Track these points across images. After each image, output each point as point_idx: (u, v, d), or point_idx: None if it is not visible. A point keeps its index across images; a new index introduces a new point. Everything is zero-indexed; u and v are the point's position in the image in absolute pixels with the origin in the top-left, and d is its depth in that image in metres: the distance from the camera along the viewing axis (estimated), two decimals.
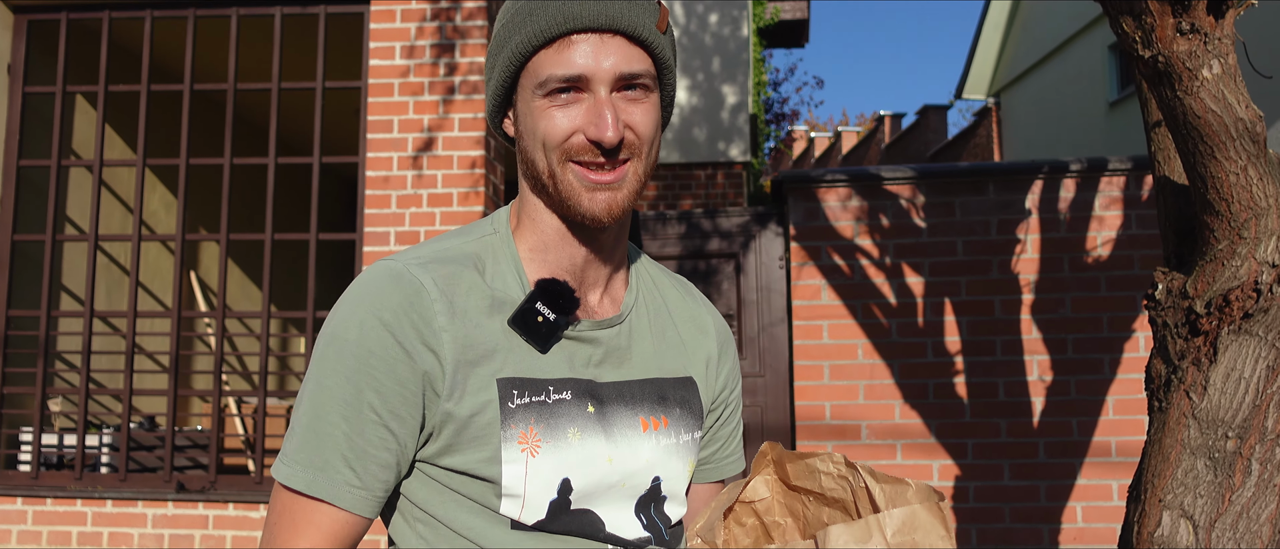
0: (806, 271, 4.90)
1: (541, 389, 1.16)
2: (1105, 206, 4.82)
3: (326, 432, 1.11)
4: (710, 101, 9.90)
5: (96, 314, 5.39)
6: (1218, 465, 2.68)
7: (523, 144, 1.19)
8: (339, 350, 1.12)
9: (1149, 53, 2.53)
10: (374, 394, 1.11)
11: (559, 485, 1.15)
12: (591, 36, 1.12)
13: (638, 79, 1.14)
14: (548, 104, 1.14)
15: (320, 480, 1.11)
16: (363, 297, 1.14)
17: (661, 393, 1.26)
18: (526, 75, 1.16)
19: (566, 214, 1.17)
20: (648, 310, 1.32)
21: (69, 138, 5.93)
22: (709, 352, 1.36)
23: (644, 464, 1.21)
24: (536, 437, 1.14)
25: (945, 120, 20.46)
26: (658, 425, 1.24)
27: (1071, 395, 4.73)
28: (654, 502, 1.23)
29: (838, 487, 1.10)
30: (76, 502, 5.10)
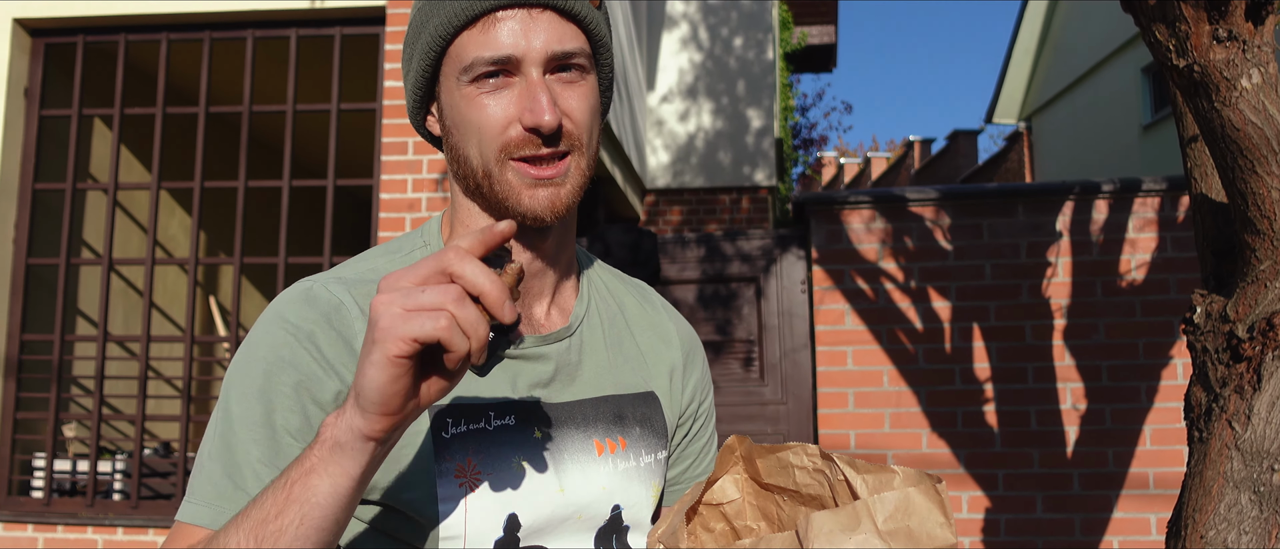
0: (830, 296, 4.76)
1: (481, 415, 1.03)
2: (1139, 228, 4.65)
3: (237, 461, 0.98)
4: (735, 126, 9.79)
5: (111, 338, 5.33)
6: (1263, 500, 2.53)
7: (452, 141, 1.06)
8: (247, 371, 1.00)
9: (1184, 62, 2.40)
10: (288, 412, 0.98)
11: (505, 522, 1.02)
12: (518, 12, 1.00)
13: (572, 59, 1.02)
14: (475, 91, 1.01)
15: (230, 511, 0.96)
16: (275, 315, 1.02)
17: (618, 411, 1.14)
18: (448, 62, 1.03)
19: (505, 215, 1.04)
20: (601, 320, 1.19)
21: (85, 161, 5.90)
22: (673, 362, 1.24)
23: (600, 492, 1.09)
24: (475, 469, 1.02)
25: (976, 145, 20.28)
26: (614, 448, 1.11)
27: (1107, 425, 4.55)
28: (615, 533, 1.11)
29: (814, 482, 0.97)
30: (87, 529, 5.02)
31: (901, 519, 0.84)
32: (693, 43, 9.94)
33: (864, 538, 0.82)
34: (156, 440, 5.85)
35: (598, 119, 1.07)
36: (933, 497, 0.86)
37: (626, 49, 8.02)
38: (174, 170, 5.98)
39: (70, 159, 5.31)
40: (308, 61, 5.77)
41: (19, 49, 5.35)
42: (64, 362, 5.34)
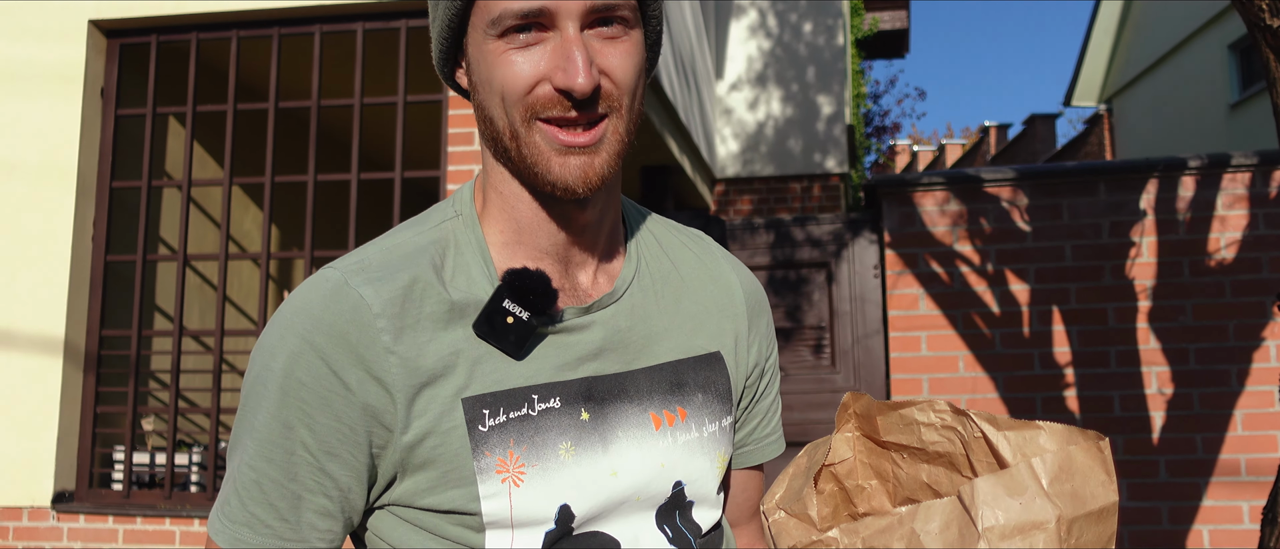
0: (903, 280, 4.64)
1: (522, 401, 0.95)
2: (1229, 205, 4.46)
3: (254, 479, 0.93)
4: (805, 112, 9.66)
5: (187, 333, 5.41)
6: None
7: (479, 98, 0.97)
8: (264, 384, 0.93)
9: (1278, 21, 2.27)
10: (306, 431, 0.92)
11: (556, 515, 0.95)
12: None
13: (615, 11, 0.92)
14: (504, 46, 0.92)
15: (246, 535, 0.93)
16: (294, 319, 0.94)
17: (677, 379, 1.05)
18: (477, 13, 0.94)
19: (534, 184, 0.96)
20: (653, 280, 1.09)
21: (161, 158, 6.00)
22: (738, 317, 1.14)
23: (658, 470, 1.01)
24: (519, 461, 0.94)
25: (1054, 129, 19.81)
26: (673, 420, 1.02)
27: (1195, 409, 4.37)
28: (678, 510, 1.03)
29: (942, 439, 0.89)
30: (165, 521, 5.11)
31: (1066, 480, 0.79)
32: (761, 30, 9.83)
33: (1033, 500, 0.77)
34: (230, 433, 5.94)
35: (642, 79, 0.96)
36: (1094, 454, 0.81)
37: (694, 37, 7.94)
38: (245, 166, 6.06)
39: (145, 157, 5.40)
40: (374, 55, 5.79)
41: (95, 50, 5.45)
42: (141, 356, 5.44)
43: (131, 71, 5.68)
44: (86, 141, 5.39)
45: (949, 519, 0.78)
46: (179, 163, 6.13)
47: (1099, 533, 0.80)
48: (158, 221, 5.92)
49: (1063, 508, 0.77)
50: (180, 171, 6.09)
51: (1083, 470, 0.79)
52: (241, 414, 0.96)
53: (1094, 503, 0.80)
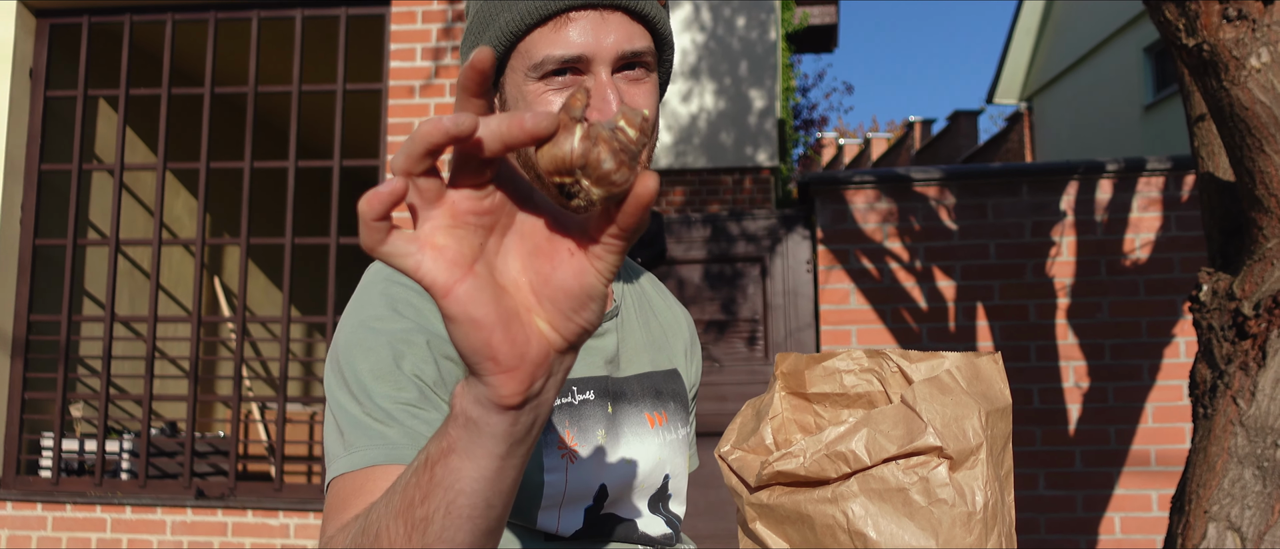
0: (834, 275, 4.78)
1: (568, 390, 1.05)
2: (1143, 208, 4.67)
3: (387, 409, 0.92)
4: (737, 106, 9.79)
5: (118, 318, 5.35)
6: (1266, 475, 2.56)
7: None
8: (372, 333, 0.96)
9: (1193, 41, 2.42)
10: (421, 365, 0.95)
11: (596, 493, 1.06)
12: (590, 13, 1.01)
13: (639, 58, 1.04)
14: (543, 88, 1.02)
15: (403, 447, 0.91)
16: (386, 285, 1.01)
17: (657, 387, 1.18)
18: (517, 56, 1.04)
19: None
20: (634, 301, 1.23)
21: (91, 142, 5.91)
22: (685, 342, 1.29)
23: (656, 463, 1.13)
24: (573, 441, 1.04)
25: (976, 126, 20.24)
26: (660, 421, 1.15)
27: (1109, 402, 4.58)
28: (663, 500, 1.15)
29: (861, 382, 1.00)
30: (96, 508, 5.06)
31: (977, 383, 0.95)
32: (695, 23, 9.93)
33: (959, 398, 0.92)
34: (162, 420, 5.88)
35: (658, 115, 1.09)
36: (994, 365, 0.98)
37: None
38: (179, 151, 5.99)
39: (76, 140, 5.32)
40: (313, 42, 5.76)
41: (23, 30, 5.35)
42: (71, 342, 5.37)
43: (62, 53, 5.59)
44: (14, 123, 5.29)
45: (898, 417, 0.92)
46: (110, 146, 6.04)
47: (1003, 428, 0.96)
48: (87, 206, 5.84)
49: (980, 403, 0.93)
50: (111, 155, 6.00)
51: (987, 377, 0.96)
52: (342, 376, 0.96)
53: (1000, 402, 0.96)
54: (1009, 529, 0.94)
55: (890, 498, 0.91)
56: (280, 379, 5.07)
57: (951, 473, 0.90)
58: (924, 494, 0.90)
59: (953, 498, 0.89)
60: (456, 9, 5.04)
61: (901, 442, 0.90)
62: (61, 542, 5.07)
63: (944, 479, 0.90)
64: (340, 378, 0.96)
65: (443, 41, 5.02)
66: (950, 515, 0.89)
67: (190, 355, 5.21)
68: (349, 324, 0.99)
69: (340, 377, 0.96)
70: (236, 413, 5.14)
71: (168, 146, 5.33)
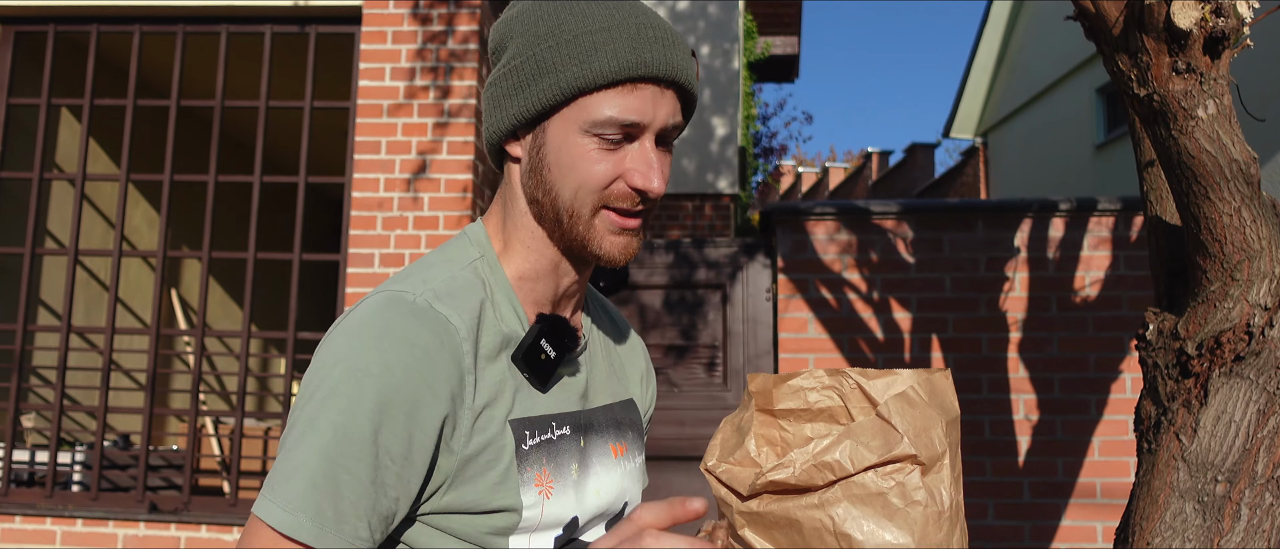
0: (794, 304, 4.87)
1: (547, 426, 1.12)
2: (1094, 247, 4.81)
3: (337, 479, 0.98)
4: (700, 133, 9.91)
5: (74, 329, 5.31)
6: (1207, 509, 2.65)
7: (546, 176, 1.11)
8: (357, 385, 1.00)
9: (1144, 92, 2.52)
10: (396, 439, 1.01)
11: (567, 524, 1.12)
12: (653, 88, 1.08)
13: (673, 135, 1.12)
14: (593, 144, 1.08)
15: (329, 534, 0.98)
16: (386, 328, 1.04)
17: (617, 418, 1.25)
18: (577, 109, 1.09)
19: (579, 252, 1.13)
20: (599, 334, 1.30)
21: (52, 150, 5.87)
22: (641, 369, 1.36)
23: (619, 493, 1.21)
24: (548, 477, 1.11)
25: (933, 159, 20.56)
26: (621, 451, 1.23)
27: (1058, 435, 4.70)
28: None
29: (824, 398, 1.10)
30: (46, 520, 5.00)
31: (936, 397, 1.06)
32: None
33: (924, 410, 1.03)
34: (115, 433, 5.83)
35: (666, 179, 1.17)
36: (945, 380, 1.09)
37: None
38: (142, 163, 5.97)
39: (38, 148, 5.29)
40: (282, 58, 5.78)
41: None
42: (25, 351, 5.32)
43: (26, 60, 5.56)
44: None
45: (876, 430, 1.02)
46: (71, 156, 6.00)
47: (955, 436, 1.07)
48: (46, 215, 5.79)
49: (940, 414, 1.04)
50: (73, 164, 5.96)
51: (942, 390, 1.07)
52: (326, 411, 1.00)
53: (953, 412, 1.07)
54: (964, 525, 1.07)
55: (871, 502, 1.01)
56: (239, 395, 5.06)
57: (923, 477, 1.01)
58: (901, 497, 1.00)
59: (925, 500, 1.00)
60: (428, 31, 5.08)
61: (880, 451, 1.01)
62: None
63: (917, 483, 1.01)
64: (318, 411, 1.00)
65: (413, 62, 5.06)
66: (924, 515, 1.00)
67: (147, 368, 5.18)
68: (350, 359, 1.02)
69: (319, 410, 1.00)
70: (192, 427, 5.11)
71: (131, 158, 5.31)
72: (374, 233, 5.00)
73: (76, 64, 5.80)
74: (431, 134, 5.02)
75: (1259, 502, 2.62)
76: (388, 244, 5.00)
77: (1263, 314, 2.58)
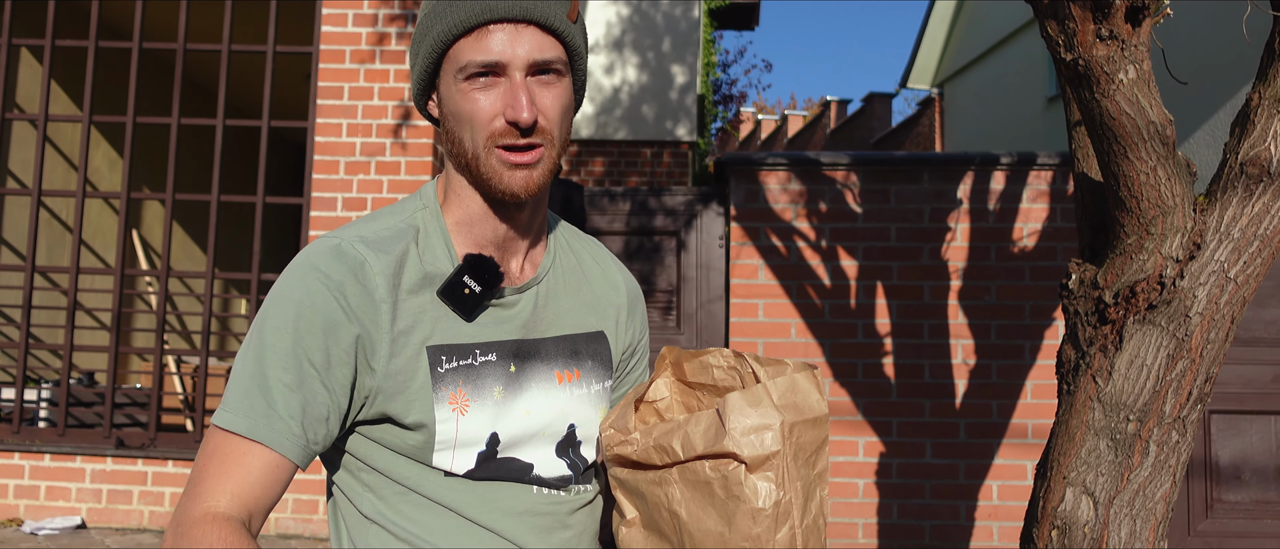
0: (745, 251, 5.05)
1: (468, 353, 1.27)
2: (1033, 200, 5.02)
3: (268, 382, 1.17)
4: (659, 81, 10.00)
5: (38, 269, 5.37)
6: (1119, 446, 2.86)
7: (448, 126, 1.28)
8: (282, 308, 1.20)
9: (1070, 56, 2.69)
10: (315, 350, 1.19)
11: (487, 439, 1.28)
12: (507, 26, 1.22)
13: (550, 65, 1.25)
14: (469, 87, 1.23)
15: (262, 426, 1.16)
16: (309, 264, 1.22)
17: (574, 348, 1.39)
18: (448, 62, 1.25)
19: (488, 192, 1.28)
20: (563, 272, 1.43)
21: (13, 91, 5.88)
22: (619, 306, 1.49)
23: (558, 414, 1.35)
24: (465, 397, 1.26)
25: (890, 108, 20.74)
26: (571, 378, 1.37)
27: (993, 379, 4.93)
28: (571, 445, 1.36)
29: (728, 377, 1.26)
30: (14, 455, 5.11)
31: (791, 396, 1.16)
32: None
33: (766, 411, 1.14)
34: (80, 370, 5.91)
35: (569, 115, 1.30)
36: (812, 380, 1.19)
37: None
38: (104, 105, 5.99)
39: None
40: (244, 2, 5.81)
41: None
42: None
43: None
44: None
45: (710, 424, 1.15)
46: (32, 97, 6.01)
47: (815, 435, 1.18)
48: (7, 155, 5.82)
49: (786, 415, 1.14)
50: (34, 106, 5.98)
51: (803, 390, 1.17)
52: (257, 332, 1.20)
53: (810, 413, 1.17)
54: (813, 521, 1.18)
55: (700, 488, 1.15)
56: (202, 335, 5.17)
57: (748, 474, 1.13)
58: (723, 489, 1.14)
59: (745, 495, 1.12)
60: None
61: (708, 445, 1.14)
62: None
63: (740, 479, 1.12)
64: (254, 334, 1.21)
65: (376, 8, 5.13)
66: (742, 509, 1.12)
67: (112, 308, 5.27)
68: (279, 290, 1.23)
69: (255, 333, 1.21)
70: (158, 365, 5.22)
71: (93, 100, 5.35)
72: (337, 177, 5.10)
73: (37, 4, 5.80)
74: (394, 80, 5.10)
75: (1166, 439, 2.84)
76: (350, 189, 5.10)
77: (1174, 266, 2.77)
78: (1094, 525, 2.89)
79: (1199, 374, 2.82)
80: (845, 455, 4.95)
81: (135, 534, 5.04)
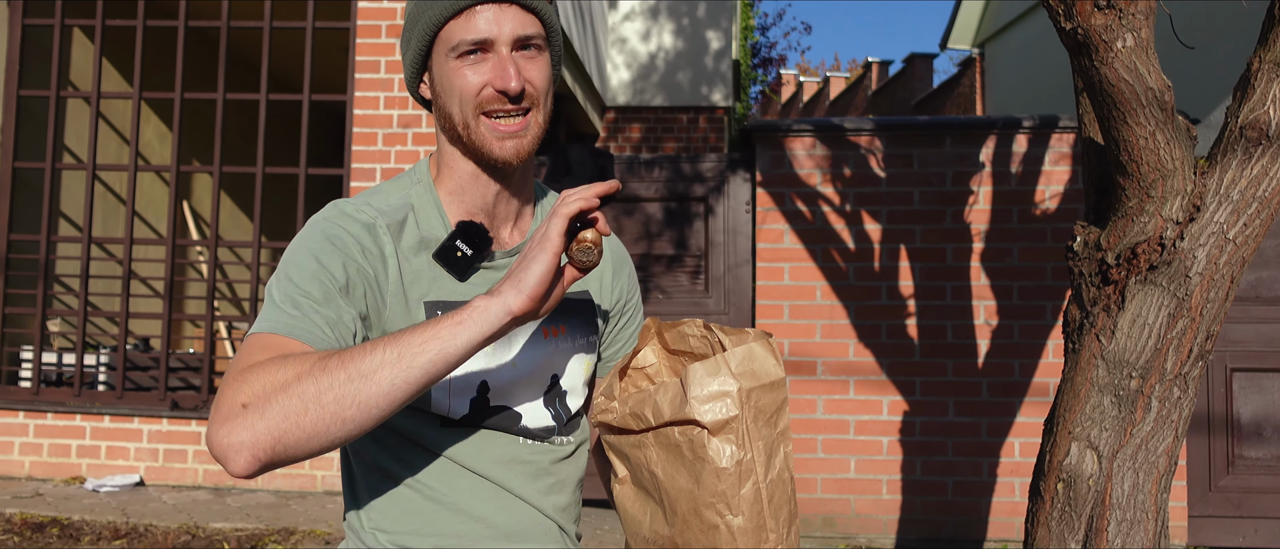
0: (771, 216, 5.17)
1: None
2: (1054, 162, 5.08)
3: (299, 296, 1.29)
4: (694, 47, 10.06)
5: (94, 240, 5.62)
6: (1122, 402, 2.96)
7: (440, 102, 1.43)
8: (305, 245, 1.34)
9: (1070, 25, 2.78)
10: (337, 272, 1.32)
11: (477, 387, 1.43)
12: (491, 7, 1.38)
13: (531, 40, 1.40)
14: (460, 64, 1.38)
15: (298, 323, 1.25)
16: (324, 219, 1.38)
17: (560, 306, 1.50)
18: (439, 43, 1.40)
19: (480, 159, 1.43)
20: None
21: (67, 69, 6.12)
22: (603, 268, 1.64)
23: (542, 365, 1.49)
24: None
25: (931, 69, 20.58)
26: (557, 333, 1.52)
27: (1015, 339, 5.03)
28: (557, 396, 1.51)
29: (701, 345, 1.40)
30: (76, 417, 5.38)
31: (748, 364, 1.28)
32: None
33: (723, 379, 1.27)
34: (135, 336, 6.17)
35: (551, 85, 1.45)
36: (768, 348, 1.31)
37: None
38: (153, 81, 6.21)
39: (53, 67, 5.54)
40: None
41: None
42: (50, 261, 5.64)
43: None
44: None
45: (675, 393, 1.28)
46: (84, 74, 6.25)
47: (773, 397, 1.30)
48: (63, 131, 6.06)
49: (743, 382, 1.27)
50: (86, 83, 6.21)
51: (760, 358, 1.30)
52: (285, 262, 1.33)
53: (767, 378, 1.29)
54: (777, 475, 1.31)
55: (672, 450, 1.29)
56: (250, 302, 5.39)
57: (711, 437, 1.26)
58: (691, 451, 1.27)
59: (710, 456, 1.26)
60: None
61: (674, 412, 1.27)
62: (43, 448, 5.40)
63: (704, 442, 1.26)
64: (281, 266, 1.34)
65: None
66: (707, 469, 1.26)
67: (165, 276, 5.51)
68: (298, 241, 1.38)
69: (282, 266, 1.34)
70: (209, 331, 5.46)
71: (142, 76, 5.56)
72: (375, 148, 5.28)
73: None
74: None
75: (1167, 395, 2.94)
76: (388, 159, 5.28)
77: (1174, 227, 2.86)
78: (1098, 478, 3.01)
79: (1199, 332, 2.92)
80: (870, 414, 5.08)
81: (191, 491, 5.30)
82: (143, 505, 4.98)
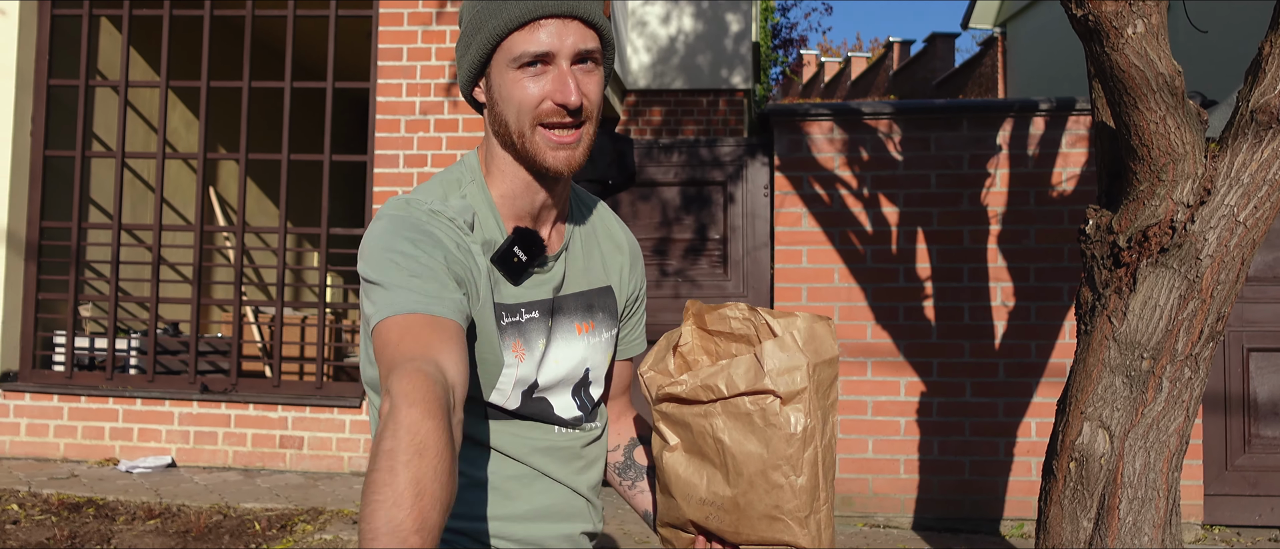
0: (789, 200, 5.22)
1: (517, 312, 1.49)
2: (1071, 144, 5.11)
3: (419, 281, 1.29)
4: (714, 29, 10.07)
5: (124, 227, 5.73)
6: (1133, 382, 3.01)
7: (497, 109, 1.47)
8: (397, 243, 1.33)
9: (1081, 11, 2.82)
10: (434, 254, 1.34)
11: (530, 385, 1.51)
12: (555, 21, 1.42)
13: (591, 54, 1.45)
14: (521, 75, 1.42)
15: (437, 306, 1.27)
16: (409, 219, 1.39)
17: (589, 302, 1.61)
18: (501, 53, 1.44)
19: (531, 166, 1.47)
20: (580, 236, 1.64)
21: (95, 59, 6.22)
22: (622, 263, 1.70)
23: (579, 361, 1.58)
24: (520, 348, 1.49)
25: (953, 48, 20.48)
26: (587, 328, 1.59)
27: (1031, 320, 5.07)
28: (584, 386, 1.60)
29: (743, 326, 1.48)
30: (108, 400, 5.50)
31: (812, 342, 1.39)
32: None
33: (793, 354, 1.37)
34: (165, 321, 6.29)
35: (602, 98, 1.50)
36: (828, 328, 1.43)
37: None
38: (178, 70, 6.31)
39: (82, 56, 5.64)
40: None
41: None
42: (81, 247, 5.75)
43: None
44: (24, 39, 5.60)
45: (749, 365, 1.38)
46: (112, 63, 6.35)
47: (829, 372, 1.42)
48: (92, 119, 6.17)
49: (810, 357, 1.38)
50: (114, 72, 6.31)
51: (821, 336, 1.41)
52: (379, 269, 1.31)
53: (826, 354, 1.41)
54: (828, 441, 1.42)
55: (741, 418, 1.39)
56: (278, 286, 5.49)
57: (783, 406, 1.37)
58: (762, 419, 1.37)
59: (781, 423, 1.37)
60: None
61: (750, 383, 1.37)
62: (77, 430, 5.53)
63: (777, 410, 1.37)
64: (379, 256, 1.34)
65: None
66: (778, 435, 1.37)
67: (193, 262, 5.62)
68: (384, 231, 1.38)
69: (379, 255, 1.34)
70: (237, 315, 5.56)
71: (169, 65, 5.66)
72: (398, 135, 5.36)
73: None
74: (449, 41, 5.33)
75: (1178, 376, 2.99)
76: (411, 146, 5.36)
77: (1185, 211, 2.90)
78: (1109, 457, 3.05)
79: (1210, 314, 2.95)
80: (887, 395, 5.14)
81: (221, 472, 5.42)
82: (175, 486, 5.11)
